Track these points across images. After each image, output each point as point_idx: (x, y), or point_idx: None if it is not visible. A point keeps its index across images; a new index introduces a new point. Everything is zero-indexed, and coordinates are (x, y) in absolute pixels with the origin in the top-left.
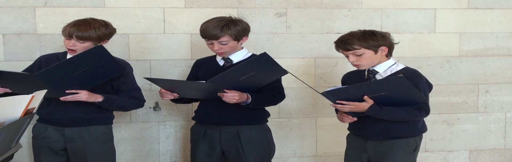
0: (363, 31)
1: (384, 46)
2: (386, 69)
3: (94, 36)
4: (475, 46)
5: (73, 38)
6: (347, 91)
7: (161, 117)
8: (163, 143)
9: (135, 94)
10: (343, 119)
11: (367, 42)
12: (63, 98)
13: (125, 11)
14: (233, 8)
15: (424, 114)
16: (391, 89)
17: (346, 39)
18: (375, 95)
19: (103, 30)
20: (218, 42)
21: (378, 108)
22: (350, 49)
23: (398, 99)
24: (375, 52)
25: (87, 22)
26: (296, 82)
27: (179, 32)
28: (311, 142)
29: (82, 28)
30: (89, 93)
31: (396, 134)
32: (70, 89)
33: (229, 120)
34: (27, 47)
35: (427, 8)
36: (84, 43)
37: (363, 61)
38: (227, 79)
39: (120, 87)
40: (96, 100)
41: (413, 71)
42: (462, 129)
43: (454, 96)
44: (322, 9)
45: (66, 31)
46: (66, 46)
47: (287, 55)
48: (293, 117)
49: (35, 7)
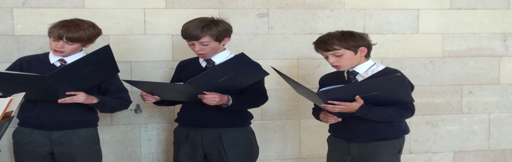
0: (342, 32)
1: (363, 46)
2: (366, 70)
3: (84, 37)
4: (458, 46)
5: (62, 40)
6: (343, 91)
7: (142, 119)
8: (145, 146)
9: (124, 95)
10: (327, 120)
11: (346, 42)
12: (61, 100)
13: (105, 12)
14: (215, 9)
15: (410, 114)
16: (386, 88)
17: (325, 40)
18: (367, 95)
19: (91, 31)
20: (198, 42)
21: (368, 108)
22: (330, 50)
23: (386, 99)
24: (355, 52)
25: (76, 23)
26: (278, 84)
27: (160, 33)
28: (295, 144)
29: (72, 29)
30: (87, 95)
31: (381, 135)
32: (69, 91)
33: (211, 122)
34: (5, 48)
35: (410, 9)
36: (72, 45)
37: (343, 62)
38: (206, 81)
39: (109, 88)
40: (92, 101)
41: (395, 71)
42: (446, 130)
43: (437, 97)
44: (305, 10)
45: (54, 32)
46: (53, 47)
47: (269, 56)
48: (276, 119)
49: (13, 8)
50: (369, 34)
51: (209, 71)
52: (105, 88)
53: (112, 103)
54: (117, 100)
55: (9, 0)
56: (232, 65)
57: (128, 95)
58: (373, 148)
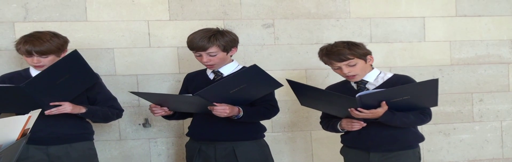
0: (344, 42)
1: (369, 55)
2: (375, 78)
3: (53, 48)
4: (466, 54)
5: (34, 55)
6: (379, 95)
7: (151, 134)
8: (155, 161)
9: (113, 104)
10: (352, 126)
11: (356, 51)
12: (48, 111)
13: (109, 24)
14: (219, 20)
15: (429, 119)
16: (420, 92)
17: (336, 50)
18: (398, 99)
19: (56, 41)
20: (206, 53)
21: (391, 114)
22: (344, 60)
23: (412, 104)
24: (365, 61)
25: (37, 37)
26: (288, 95)
27: (165, 46)
28: (307, 156)
29: (37, 43)
30: (73, 104)
31: (403, 142)
32: (52, 101)
33: (224, 135)
34: (8, 63)
35: (415, 17)
36: (47, 57)
37: (357, 71)
38: (217, 92)
39: (96, 97)
40: (79, 111)
41: (405, 77)
42: (459, 139)
43: (448, 106)
44: (310, 20)
45: (21, 49)
46: (30, 63)
47: (277, 67)
48: (287, 131)
49: (14, 22)
50: (376, 43)
51: (220, 83)
52: (93, 98)
53: (103, 112)
54: (108, 109)
55: (10, 14)
56: (245, 77)
57: (117, 103)
58: (395, 158)
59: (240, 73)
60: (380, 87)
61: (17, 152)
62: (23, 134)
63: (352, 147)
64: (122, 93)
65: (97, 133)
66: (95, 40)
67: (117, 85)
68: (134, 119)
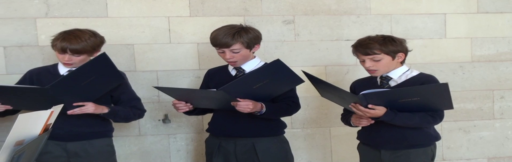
0: (383, 36)
1: (402, 52)
2: (400, 75)
3: (88, 48)
4: (488, 51)
5: (67, 53)
6: (384, 95)
7: (171, 129)
8: (175, 157)
9: (136, 104)
10: (360, 122)
11: (387, 47)
12: (71, 111)
13: (129, 20)
14: (240, 16)
15: (438, 121)
16: (429, 95)
17: (366, 43)
18: (407, 100)
19: (94, 40)
20: (229, 50)
21: (393, 114)
22: (369, 54)
23: (424, 105)
24: (393, 58)
25: (76, 35)
26: (307, 91)
27: (185, 42)
28: (326, 152)
29: (73, 41)
30: (95, 105)
31: (411, 142)
32: (76, 102)
33: (244, 131)
34: (30, 59)
35: (436, 13)
36: (79, 56)
37: (380, 66)
38: (240, 88)
39: (120, 97)
40: (102, 111)
41: (429, 77)
42: (479, 137)
43: (469, 103)
44: (330, 16)
45: (57, 46)
46: (61, 60)
47: (297, 63)
48: (306, 127)
49: (36, 18)
50: None
51: (244, 78)
52: (117, 97)
53: (125, 113)
54: (130, 109)
55: (32, 10)
56: (268, 72)
57: (141, 104)
58: (405, 157)
59: (264, 67)
60: (401, 84)
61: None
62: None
63: (365, 143)
64: (142, 89)
65: (117, 129)
66: (116, 36)
67: (137, 81)
68: (153, 115)
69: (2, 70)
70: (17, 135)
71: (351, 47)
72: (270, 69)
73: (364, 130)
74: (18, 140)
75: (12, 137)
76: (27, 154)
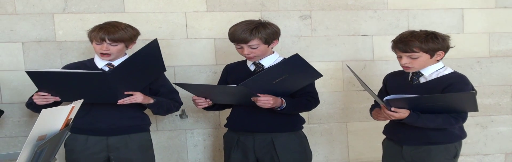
0: (426, 33)
1: (442, 50)
2: (432, 72)
3: (126, 36)
4: (505, 46)
5: (105, 42)
6: (410, 101)
7: (188, 124)
8: (192, 152)
9: (175, 97)
10: (377, 117)
11: (427, 45)
12: (121, 101)
13: (146, 16)
14: (257, 11)
15: (461, 122)
16: (454, 102)
17: (407, 40)
18: (431, 104)
19: (130, 31)
20: (247, 46)
21: (416, 116)
22: (408, 51)
23: (446, 108)
24: (431, 56)
25: (113, 25)
26: (324, 87)
27: (202, 37)
28: (343, 148)
29: (111, 30)
30: (143, 95)
31: (432, 139)
32: (127, 91)
33: (263, 127)
34: (47, 55)
35: (454, 8)
36: (117, 46)
37: (415, 64)
38: (260, 83)
39: (160, 89)
40: (148, 101)
41: (461, 77)
42: (497, 132)
43: (486, 98)
44: (347, 11)
45: (95, 35)
46: (98, 51)
47: (313, 58)
48: (323, 123)
49: (54, 13)
50: None
51: (264, 73)
52: (156, 90)
53: (167, 104)
54: (170, 101)
55: (50, 6)
56: (287, 67)
57: (179, 97)
58: (426, 153)
59: (283, 62)
60: (430, 82)
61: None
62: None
63: (390, 138)
64: None
65: None
66: None
67: None
68: None
69: (20, 66)
70: (39, 130)
71: (391, 42)
72: (289, 63)
73: (389, 125)
74: (40, 135)
75: (35, 132)
76: (49, 149)
